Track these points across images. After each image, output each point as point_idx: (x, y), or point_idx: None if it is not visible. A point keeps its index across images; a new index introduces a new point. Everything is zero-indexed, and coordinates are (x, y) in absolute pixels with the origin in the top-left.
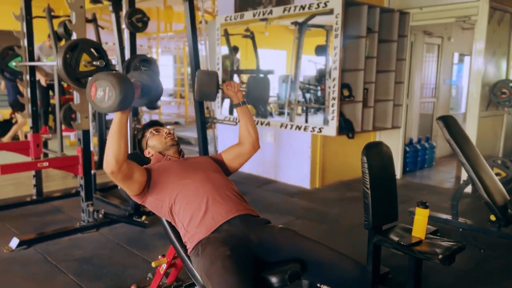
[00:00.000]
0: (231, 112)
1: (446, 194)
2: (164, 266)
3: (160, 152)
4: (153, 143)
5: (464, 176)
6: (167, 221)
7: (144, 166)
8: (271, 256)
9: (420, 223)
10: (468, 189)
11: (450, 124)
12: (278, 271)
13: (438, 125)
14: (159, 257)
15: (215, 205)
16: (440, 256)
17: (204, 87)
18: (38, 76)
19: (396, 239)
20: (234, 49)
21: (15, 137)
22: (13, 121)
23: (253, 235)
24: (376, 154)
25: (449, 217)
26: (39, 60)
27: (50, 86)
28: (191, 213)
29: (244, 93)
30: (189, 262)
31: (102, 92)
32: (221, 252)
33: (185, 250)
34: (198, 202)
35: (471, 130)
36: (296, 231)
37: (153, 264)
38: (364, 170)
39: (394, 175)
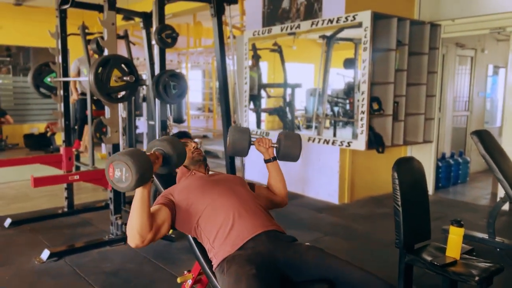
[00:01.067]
0: (258, 126)
1: (481, 211)
2: (189, 282)
3: (186, 166)
4: None
5: (501, 192)
6: (193, 237)
7: (168, 194)
8: (298, 275)
9: (454, 243)
10: (505, 206)
11: (485, 138)
12: None
13: (472, 140)
14: (185, 272)
15: (241, 220)
16: (476, 278)
17: (236, 143)
18: (72, 89)
19: (429, 258)
20: (254, 57)
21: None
22: (48, 134)
23: (280, 254)
24: (407, 169)
25: (485, 236)
26: (78, 72)
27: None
28: (216, 228)
29: (275, 149)
30: (214, 279)
31: (119, 172)
32: (246, 271)
33: (210, 266)
34: (223, 217)
35: (507, 145)
36: (324, 249)
37: (178, 280)
38: (395, 186)
39: (427, 191)
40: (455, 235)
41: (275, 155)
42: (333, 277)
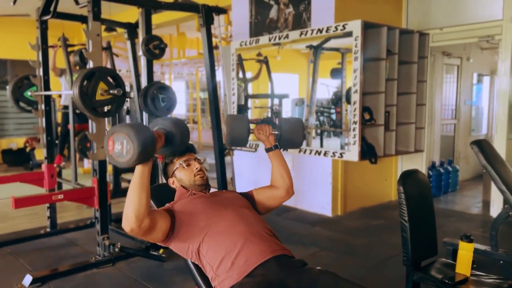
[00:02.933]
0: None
1: (475, 220)
2: None
3: (184, 187)
4: (180, 177)
5: (494, 201)
6: (193, 262)
7: (167, 205)
8: None
9: (464, 259)
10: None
11: (485, 148)
12: None
13: (472, 150)
14: None
15: (248, 246)
16: None
17: (235, 132)
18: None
19: (439, 276)
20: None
21: None
22: (27, 149)
23: (291, 281)
24: (413, 183)
25: (487, 248)
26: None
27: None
28: (222, 255)
29: (275, 136)
30: None
31: (119, 145)
32: None
33: None
34: (229, 242)
35: (499, 153)
36: (337, 273)
37: None
38: (401, 201)
39: (433, 205)
40: (465, 250)
41: (277, 143)
42: None
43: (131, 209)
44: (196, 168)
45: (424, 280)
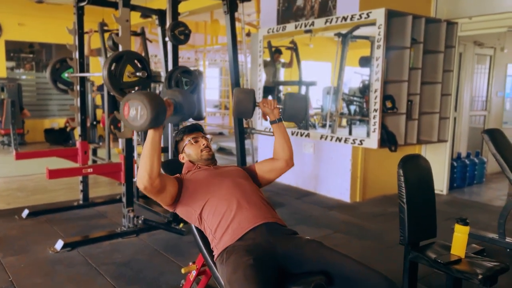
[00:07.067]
0: None
1: (496, 212)
2: (193, 272)
3: (191, 161)
4: (189, 152)
5: None
6: (196, 228)
7: (177, 175)
8: (296, 267)
9: (459, 241)
10: None
11: (497, 137)
12: (302, 282)
13: (483, 139)
14: (190, 263)
15: (242, 212)
16: (480, 277)
17: (241, 104)
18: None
19: (433, 256)
20: (276, 52)
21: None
22: (68, 129)
23: (279, 245)
24: (413, 167)
25: (495, 236)
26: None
27: None
28: (218, 219)
29: (280, 110)
30: (215, 269)
31: (134, 111)
32: (244, 261)
33: (212, 257)
34: (226, 207)
35: None
36: (324, 243)
37: (183, 271)
38: (400, 183)
39: (433, 189)
40: (460, 233)
41: (281, 116)
42: (331, 270)
43: (144, 168)
44: (203, 144)
45: (419, 259)
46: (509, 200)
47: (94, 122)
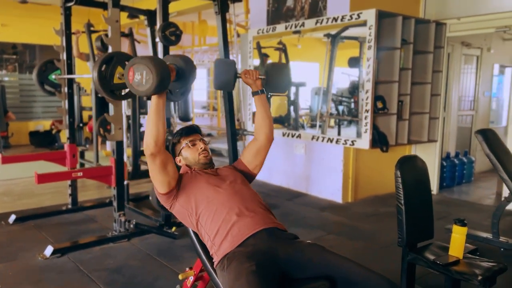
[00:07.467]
0: None
1: (486, 211)
2: (191, 278)
3: (188, 165)
4: (186, 155)
5: (505, 192)
6: (194, 232)
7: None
8: (299, 272)
9: (457, 242)
10: (510, 206)
11: (490, 137)
12: None
13: (477, 139)
14: (187, 269)
15: (242, 218)
16: (479, 278)
17: (222, 75)
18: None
19: (431, 257)
20: (265, 56)
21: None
22: (53, 131)
23: (281, 251)
24: (410, 168)
25: (489, 235)
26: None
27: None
28: (218, 225)
29: (263, 81)
30: (215, 276)
31: (139, 75)
32: (246, 268)
33: (212, 263)
34: (225, 214)
35: (509, 144)
36: (325, 246)
37: (180, 277)
38: (397, 185)
39: (430, 190)
40: (458, 234)
41: (263, 88)
42: (333, 274)
43: (150, 135)
44: (201, 148)
45: (417, 261)
46: (503, 200)
47: (81, 124)
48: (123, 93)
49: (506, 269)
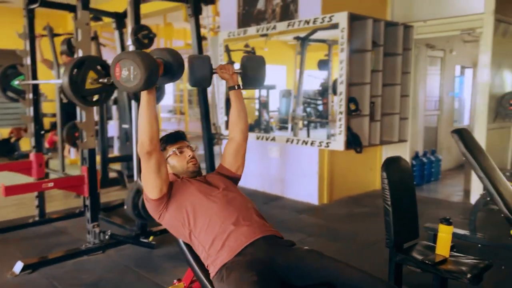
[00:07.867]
0: None
1: (455, 208)
2: None
3: (176, 174)
4: (174, 163)
5: (474, 190)
6: (184, 243)
7: None
8: (299, 279)
9: (444, 241)
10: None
11: (466, 137)
12: None
13: (453, 138)
14: (175, 281)
15: (238, 227)
16: (468, 276)
17: (198, 71)
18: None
19: (419, 257)
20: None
21: None
22: (12, 140)
23: (280, 258)
24: (395, 169)
25: (467, 232)
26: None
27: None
28: (213, 235)
29: (239, 75)
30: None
31: (127, 71)
32: (247, 277)
33: (206, 275)
34: (220, 224)
35: (479, 143)
36: (323, 252)
37: None
38: (384, 186)
39: (414, 190)
40: (445, 233)
41: (239, 83)
42: (334, 280)
43: (145, 133)
44: (189, 156)
45: (406, 261)
46: (480, 198)
47: (42, 132)
48: (94, 99)
49: (491, 266)
